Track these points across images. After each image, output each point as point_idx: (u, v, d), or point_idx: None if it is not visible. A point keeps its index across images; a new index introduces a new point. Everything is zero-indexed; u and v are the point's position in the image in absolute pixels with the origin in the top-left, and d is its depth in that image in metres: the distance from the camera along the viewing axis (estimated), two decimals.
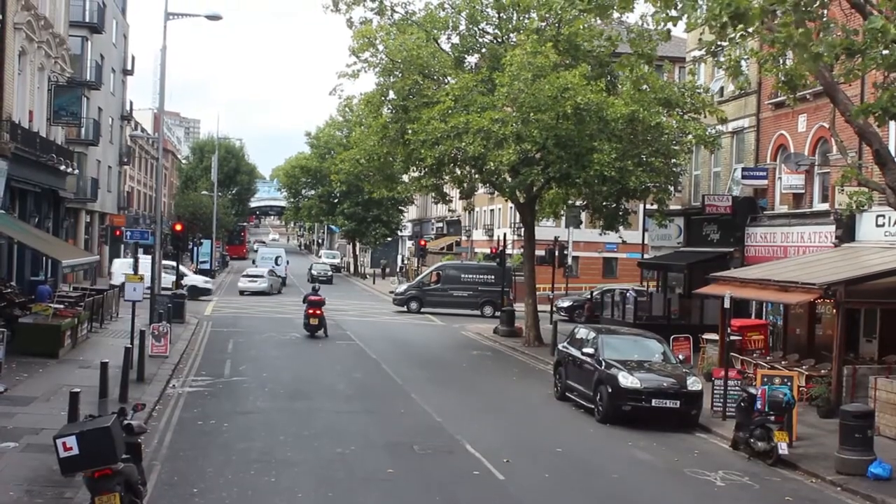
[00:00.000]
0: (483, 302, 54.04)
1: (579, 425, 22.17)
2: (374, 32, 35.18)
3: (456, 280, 55.27)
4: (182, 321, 38.78)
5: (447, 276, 55.82)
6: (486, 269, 56.42)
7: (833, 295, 22.86)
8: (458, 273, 56.20)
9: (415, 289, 56.53)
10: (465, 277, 55.32)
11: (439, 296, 54.72)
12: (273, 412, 21.68)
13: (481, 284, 54.73)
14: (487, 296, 53.97)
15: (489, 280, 54.41)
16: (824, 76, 16.25)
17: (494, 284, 53.48)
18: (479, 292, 54.50)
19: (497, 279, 53.52)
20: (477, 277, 55.18)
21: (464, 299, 54.55)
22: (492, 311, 53.18)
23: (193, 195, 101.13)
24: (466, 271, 56.57)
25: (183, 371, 27.33)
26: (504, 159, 31.39)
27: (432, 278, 56.28)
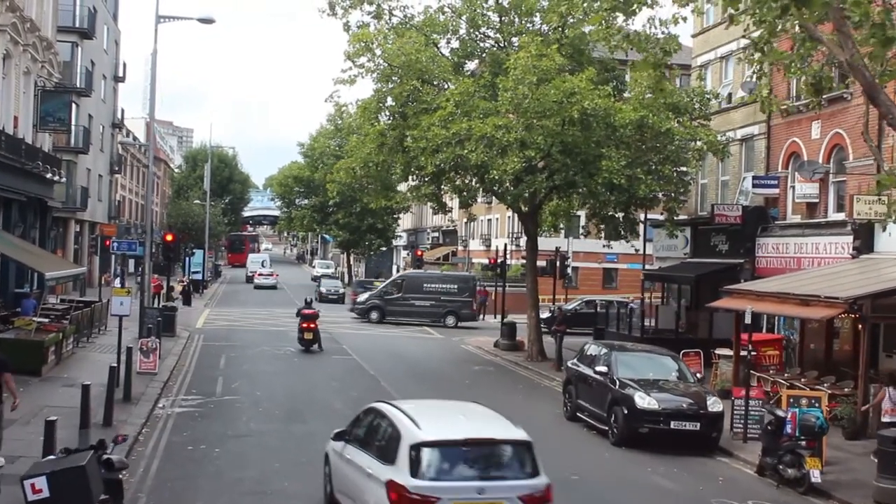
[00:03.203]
0: (445, 312, 52.86)
1: (594, 449, 20.94)
2: (371, 36, 33.93)
3: (418, 290, 53.85)
4: (173, 335, 37.51)
5: (409, 286, 54.41)
6: (449, 279, 55.54)
7: (859, 310, 21.67)
8: (419, 282, 54.82)
9: (376, 298, 54.82)
10: (428, 287, 53.93)
11: (400, 306, 53.36)
12: (267, 435, 20.41)
13: (444, 294, 53.46)
14: (450, 306, 52.96)
15: (452, 290, 53.43)
16: (864, 75, 15.06)
17: (457, 295, 52.67)
18: (442, 302, 53.21)
19: (460, 289, 52.87)
20: (440, 287, 53.87)
21: (426, 309, 53.18)
22: (454, 322, 52.32)
23: (185, 204, 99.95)
24: (429, 281, 55.15)
25: (172, 389, 26.05)
26: (508, 167, 30.17)
27: (394, 288, 55.03)
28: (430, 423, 12.53)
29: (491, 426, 12.89)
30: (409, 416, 12.62)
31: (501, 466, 12.21)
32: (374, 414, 13.64)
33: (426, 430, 12.11)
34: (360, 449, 13.26)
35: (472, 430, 12.48)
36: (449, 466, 11.87)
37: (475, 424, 12.98)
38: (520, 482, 11.88)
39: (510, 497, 11.67)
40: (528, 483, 11.91)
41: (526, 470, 12.09)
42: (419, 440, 11.87)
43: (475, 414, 13.76)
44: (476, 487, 11.64)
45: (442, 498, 11.37)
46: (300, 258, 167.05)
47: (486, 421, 13.26)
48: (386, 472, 11.93)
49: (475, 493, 11.60)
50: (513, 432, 12.55)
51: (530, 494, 11.77)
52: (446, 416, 13.71)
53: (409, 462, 11.68)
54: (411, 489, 11.40)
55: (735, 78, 36.08)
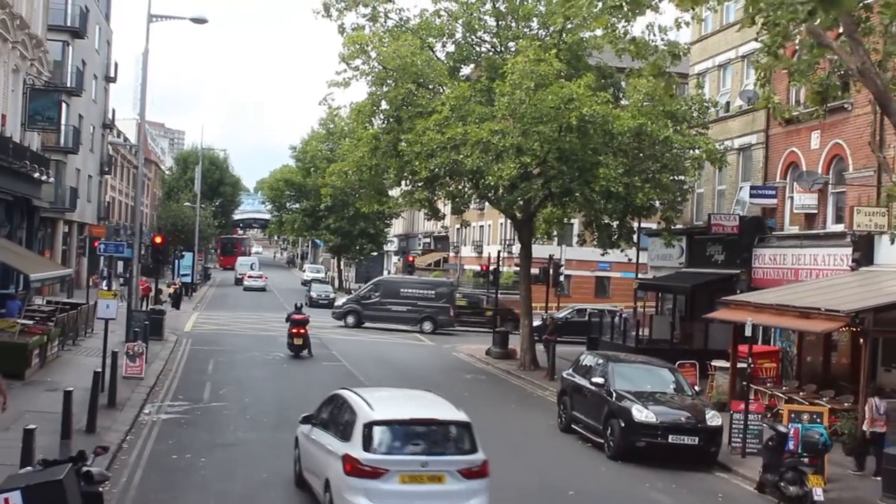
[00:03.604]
0: (423, 318, 52.53)
1: (589, 462, 20.44)
2: (366, 39, 33.44)
3: (395, 294, 53.57)
4: (160, 338, 36.95)
5: (386, 291, 54.12)
6: (426, 284, 55.39)
7: (860, 323, 21.25)
8: (396, 287, 54.56)
9: (353, 302, 54.69)
10: (405, 292, 53.63)
11: (377, 310, 53.02)
12: (255, 444, 19.86)
13: (421, 300, 53.15)
14: (427, 312, 52.62)
15: (429, 295, 53.15)
16: (875, 83, 14.65)
17: (435, 300, 52.40)
18: (419, 308, 52.89)
19: (438, 295, 52.62)
20: (417, 292, 53.61)
21: (402, 314, 52.91)
22: (431, 328, 51.99)
23: (176, 206, 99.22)
24: (406, 286, 54.96)
25: (159, 395, 25.48)
26: (504, 174, 29.69)
27: (371, 292, 54.73)
28: (382, 405, 14.20)
29: (435, 409, 14.48)
30: (364, 400, 14.28)
31: (443, 443, 13.75)
32: (336, 399, 15.27)
33: (378, 411, 13.74)
34: (323, 430, 14.85)
35: (418, 412, 14.16)
36: (397, 442, 13.47)
37: (422, 407, 14.63)
38: (459, 457, 13.45)
39: (450, 470, 13.25)
40: (467, 458, 13.46)
41: (465, 447, 13.64)
42: (371, 419, 13.49)
43: (424, 399, 15.50)
44: (420, 461, 13.22)
45: (390, 469, 12.97)
46: (290, 262, 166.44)
47: (431, 405, 14.87)
48: (343, 447, 13.53)
49: (419, 466, 13.19)
50: (454, 414, 14.13)
51: (468, 468, 13.33)
52: (398, 401, 15.64)
53: (362, 438, 13.28)
54: (363, 461, 13.00)
55: (733, 86, 35.75)
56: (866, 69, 14.30)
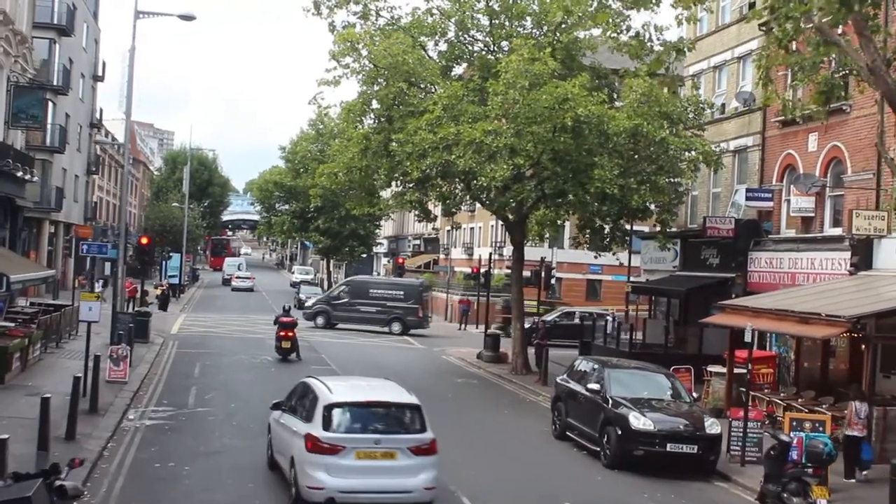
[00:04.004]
0: (391, 318, 52.22)
1: (585, 471, 19.86)
2: (356, 37, 32.85)
3: (364, 295, 53.27)
4: (146, 341, 36.31)
5: (355, 291, 53.93)
6: (395, 285, 55.23)
7: (862, 329, 20.76)
8: (365, 288, 54.32)
9: (323, 303, 54.39)
10: (374, 293, 53.36)
11: (346, 311, 52.76)
12: (241, 452, 19.24)
13: (390, 300, 52.83)
14: (396, 312, 52.32)
15: (398, 296, 52.88)
16: (886, 81, 14.13)
17: (403, 301, 52.18)
18: (388, 308, 52.56)
19: (407, 296, 52.37)
20: (385, 293, 53.36)
21: (371, 315, 52.58)
22: (400, 329, 51.70)
23: (164, 207, 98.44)
24: (375, 286, 54.85)
25: (143, 400, 24.82)
26: (497, 174, 29.12)
27: (341, 293, 54.54)
28: (342, 390, 15.80)
29: (389, 393, 16.03)
30: (326, 386, 15.82)
31: (395, 424, 15.18)
32: (302, 386, 16.79)
33: (336, 395, 15.25)
34: (290, 415, 16.23)
35: (373, 396, 15.78)
36: (353, 423, 14.94)
37: (377, 392, 16.16)
38: (409, 436, 14.85)
39: (401, 447, 14.66)
40: (417, 437, 14.86)
41: (415, 427, 15.03)
42: (330, 402, 14.97)
43: (381, 386, 17.03)
44: (374, 439, 14.70)
45: (347, 447, 14.40)
46: (280, 264, 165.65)
47: (386, 389, 16.39)
48: (305, 427, 14.94)
49: (373, 444, 14.65)
50: (406, 398, 15.62)
51: (418, 445, 14.73)
52: (356, 387, 17.07)
53: (322, 419, 14.69)
54: (323, 440, 14.42)
55: (728, 88, 35.28)
56: (877, 67, 13.80)
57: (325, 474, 14.21)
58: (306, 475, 14.43)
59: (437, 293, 71.76)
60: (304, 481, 14.51)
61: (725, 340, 30.70)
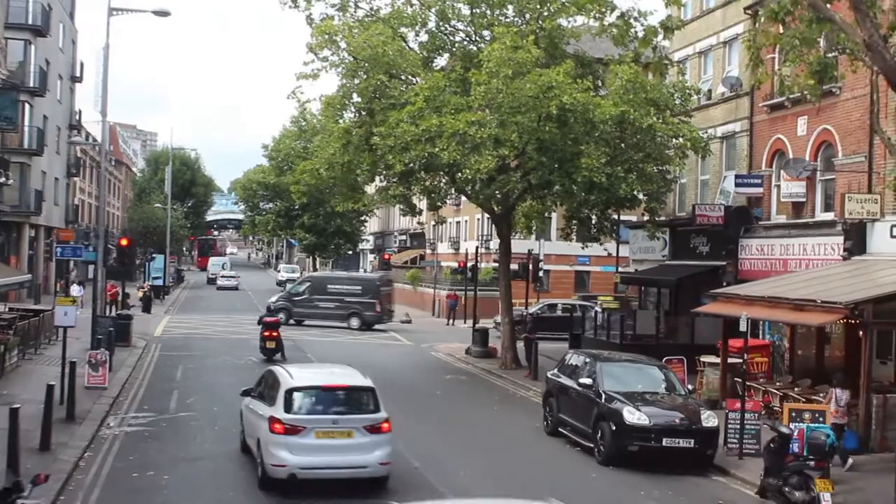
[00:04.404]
0: (350, 314, 51.89)
1: (579, 468, 19.27)
2: (335, 28, 32.12)
3: (323, 291, 53.10)
4: (128, 345, 35.54)
5: (315, 287, 53.83)
6: (353, 280, 55.21)
7: (860, 315, 20.21)
8: (324, 283, 54.26)
9: (284, 300, 53.99)
10: (332, 288, 53.16)
11: (307, 307, 52.44)
12: (223, 458, 18.59)
13: (348, 296, 52.58)
14: (355, 307, 52.05)
15: (356, 291, 52.71)
16: (884, 57, 13.54)
17: (361, 296, 52.10)
18: (346, 304, 52.27)
19: (364, 290, 52.30)
20: (344, 288, 53.08)
21: (330, 311, 52.33)
22: (358, 324, 51.41)
23: (147, 208, 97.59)
24: (333, 282, 54.57)
25: (123, 405, 24.12)
26: (482, 166, 28.47)
27: (301, 289, 54.43)
28: (302, 375, 17.21)
29: (346, 378, 17.32)
30: (288, 372, 17.16)
31: (351, 405, 16.47)
32: (268, 374, 17.96)
33: (297, 380, 16.62)
34: (258, 400, 17.38)
35: (330, 380, 17.28)
36: (312, 405, 16.27)
37: (335, 377, 17.62)
38: (364, 416, 16.13)
39: (357, 426, 15.94)
40: (371, 416, 16.13)
41: (370, 408, 16.31)
42: (291, 386, 16.31)
43: (339, 371, 18.39)
44: (332, 419, 16.00)
45: (307, 427, 15.65)
46: (266, 263, 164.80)
47: (344, 374, 17.71)
48: (269, 410, 16.17)
49: (331, 424, 15.93)
50: (361, 381, 16.95)
51: (372, 424, 15.97)
52: (316, 372, 19.03)
53: (284, 402, 15.96)
54: (285, 421, 15.64)
55: (715, 73, 34.72)
56: (874, 42, 13.23)
57: (288, 453, 15.45)
58: (270, 454, 15.65)
59: (424, 288, 71.26)
60: (268, 460, 15.71)
61: (718, 330, 30.18)
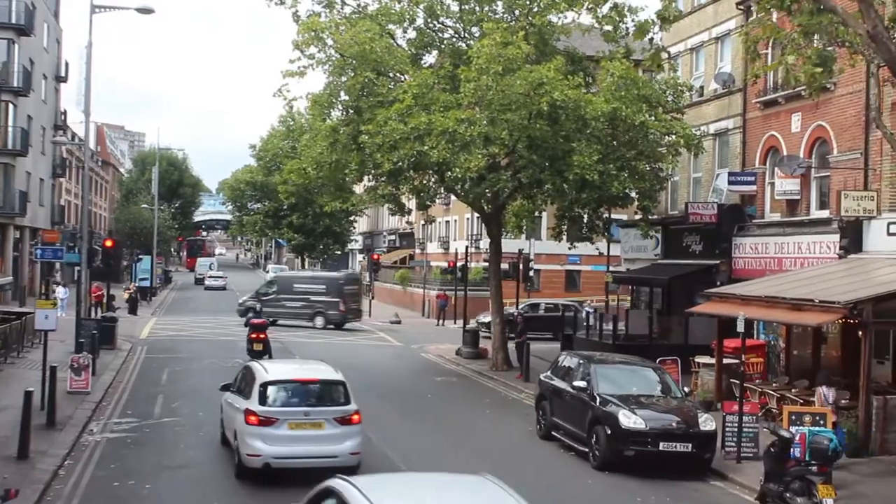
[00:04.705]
0: (315, 313, 51.79)
1: (574, 473, 18.75)
2: (321, 25, 31.56)
3: (289, 290, 53.30)
4: (112, 347, 34.96)
5: (281, 287, 54.13)
6: (318, 280, 55.31)
7: (859, 315, 19.79)
8: (290, 283, 54.54)
9: (253, 299, 54.03)
10: (298, 287, 53.34)
11: (274, 306, 52.18)
12: (207, 466, 18.06)
13: (313, 295, 52.63)
14: (319, 306, 52.00)
15: (320, 290, 52.71)
16: (889, 48, 13.10)
17: (325, 295, 52.11)
18: (311, 303, 52.28)
19: (328, 290, 52.28)
20: (309, 287, 53.15)
21: (296, 310, 52.36)
22: (322, 323, 51.41)
23: (134, 209, 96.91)
24: (299, 281, 54.91)
25: (106, 411, 23.52)
26: (472, 164, 27.96)
27: (269, 288, 54.73)
28: (276, 370, 18.03)
29: (318, 372, 18.09)
30: (263, 367, 17.94)
31: (322, 398, 17.21)
32: (245, 369, 18.64)
33: (271, 374, 17.37)
34: (236, 395, 18.04)
35: (303, 374, 18.15)
36: (285, 398, 17.07)
37: (307, 372, 18.49)
38: (335, 408, 16.88)
39: (328, 418, 16.64)
40: (341, 409, 16.88)
41: (340, 401, 17.06)
42: (266, 380, 17.06)
43: (312, 366, 19.34)
44: (304, 411, 16.74)
45: (280, 419, 16.39)
46: (255, 263, 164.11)
47: (316, 369, 18.46)
48: (245, 403, 16.92)
49: (303, 416, 16.64)
50: (332, 375, 17.66)
51: (342, 416, 16.71)
52: (290, 368, 19.78)
53: (259, 395, 16.72)
54: (259, 412, 16.42)
55: (707, 70, 34.29)
56: (878, 33, 12.79)
57: (262, 443, 16.20)
58: (246, 444, 16.39)
59: (413, 288, 70.76)
60: (244, 450, 16.43)
61: (712, 330, 29.76)
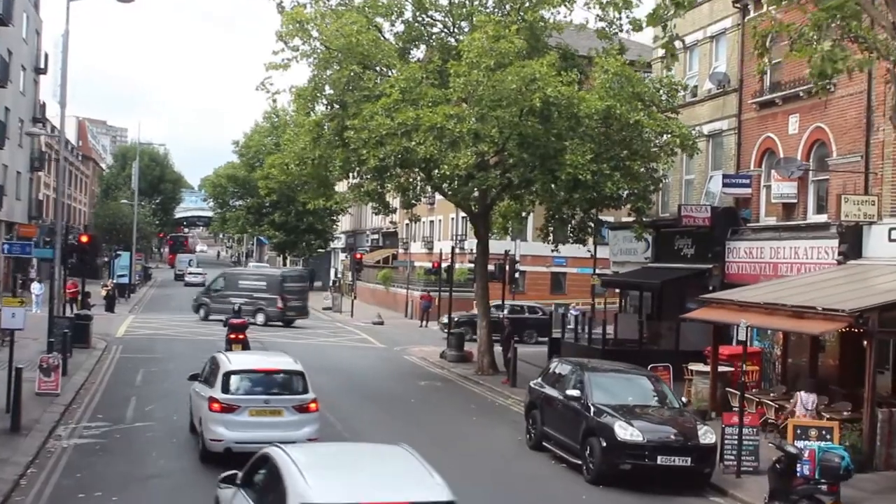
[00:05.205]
0: (256, 309, 51.04)
1: (567, 487, 17.81)
2: (306, 17, 30.51)
3: (235, 287, 53.03)
4: (87, 346, 33.95)
5: (228, 283, 54.16)
6: (259, 276, 55.76)
7: (865, 323, 18.96)
8: (237, 280, 54.74)
9: (203, 295, 54.54)
10: (242, 284, 53.34)
11: (220, 302, 51.53)
12: (179, 476, 17.05)
13: (255, 291, 52.55)
14: (260, 304, 51.65)
15: (261, 287, 52.77)
16: None
17: (266, 292, 52.03)
18: (254, 299, 51.75)
19: (269, 287, 52.26)
20: (252, 284, 53.31)
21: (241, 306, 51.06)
22: (263, 320, 51.17)
23: (113, 204, 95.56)
24: (244, 278, 55.30)
25: (75, 414, 22.47)
26: (460, 162, 26.99)
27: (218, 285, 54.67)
28: (239, 361, 19.22)
29: (278, 363, 19.41)
30: (228, 358, 19.03)
31: (282, 387, 18.41)
32: (211, 360, 19.55)
33: (234, 364, 18.51)
34: (202, 384, 19.05)
35: (264, 364, 19.45)
36: (247, 386, 18.15)
37: (269, 362, 19.84)
38: (293, 396, 18.03)
39: (287, 406, 17.80)
40: (299, 397, 18.03)
41: (298, 390, 18.20)
42: (228, 369, 18.12)
43: (273, 358, 20.79)
44: (264, 399, 17.96)
45: (241, 406, 17.53)
46: (237, 261, 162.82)
47: (276, 360, 19.91)
48: (209, 392, 18.04)
49: (263, 403, 17.86)
50: (291, 365, 18.82)
51: (300, 404, 17.86)
52: (253, 359, 20.96)
53: (222, 384, 17.80)
54: (221, 400, 17.52)
55: (701, 69, 33.45)
56: None
57: (224, 429, 17.21)
58: (209, 430, 17.43)
59: (396, 289, 69.83)
60: (207, 435, 17.47)
61: (704, 336, 28.96)
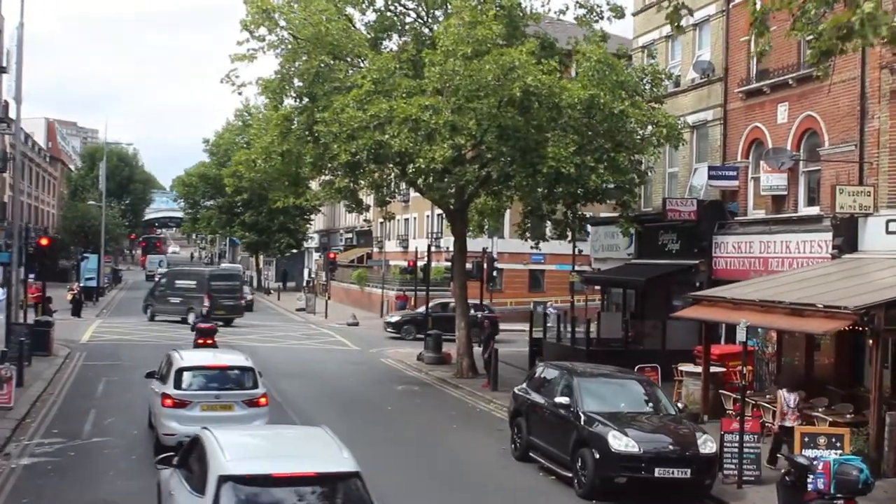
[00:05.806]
0: (188, 309, 50.35)
1: (557, 502, 16.57)
2: (272, 5, 29.01)
3: (173, 286, 53.08)
4: (48, 354, 32.41)
5: (169, 282, 54.20)
6: (191, 275, 55.51)
7: (870, 322, 17.80)
8: (175, 279, 54.46)
9: (149, 296, 54.33)
10: (178, 284, 53.08)
11: (161, 302, 51.99)
12: (137, 499, 15.55)
13: (188, 291, 52.11)
14: (191, 303, 50.66)
15: (192, 287, 52.18)
16: None
17: (196, 291, 51.35)
18: (187, 298, 51.30)
19: (198, 286, 51.67)
20: (186, 284, 52.93)
21: (176, 306, 51.79)
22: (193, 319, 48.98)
23: (81, 206, 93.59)
24: (181, 277, 54.92)
25: (28, 429, 20.95)
26: (437, 155, 25.63)
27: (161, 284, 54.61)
28: (192, 358, 19.87)
29: (229, 359, 20.19)
30: (181, 355, 19.59)
31: (232, 382, 18.99)
32: (165, 357, 20.20)
33: (186, 361, 19.20)
34: (158, 380, 19.78)
35: (215, 360, 20.07)
36: (198, 382, 18.83)
37: (219, 359, 20.38)
38: (243, 391, 18.74)
39: (237, 401, 18.45)
40: (249, 392, 18.75)
41: (248, 385, 18.91)
42: (181, 366, 18.88)
43: (225, 355, 21.60)
44: (215, 395, 18.54)
45: (193, 401, 18.16)
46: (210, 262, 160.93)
47: (228, 357, 20.79)
48: (162, 388, 18.76)
49: (214, 398, 18.43)
50: (242, 362, 19.65)
51: (250, 399, 18.56)
52: (205, 356, 21.17)
53: (174, 380, 18.50)
54: (174, 395, 18.21)
55: (684, 58, 32.28)
56: None
57: (177, 423, 17.71)
58: (163, 425, 18.10)
59: (371, 288, 68.44)
60: (160, 430, 18.11)
61: (691, 335, 27.88)
